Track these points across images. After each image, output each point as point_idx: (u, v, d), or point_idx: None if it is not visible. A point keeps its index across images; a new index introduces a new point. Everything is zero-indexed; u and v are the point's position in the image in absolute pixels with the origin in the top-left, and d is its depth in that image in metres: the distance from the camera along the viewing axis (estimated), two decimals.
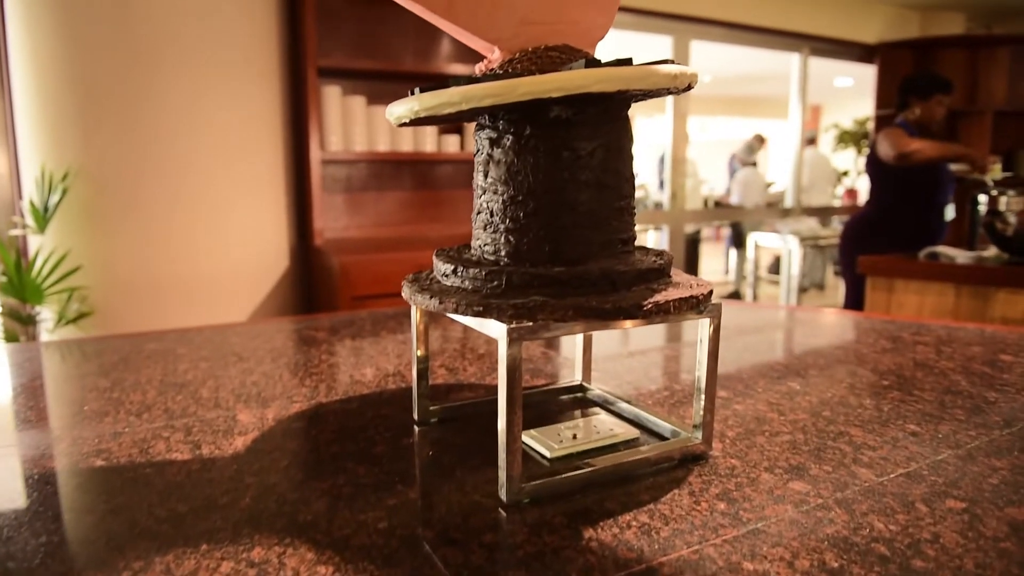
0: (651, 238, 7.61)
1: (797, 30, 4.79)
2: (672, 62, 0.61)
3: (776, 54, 5.05)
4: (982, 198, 2.51)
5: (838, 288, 6.59)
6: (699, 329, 0.64)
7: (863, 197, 8.12)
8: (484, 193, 0.64)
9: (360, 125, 2.99)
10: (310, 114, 2.85)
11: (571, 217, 0.61)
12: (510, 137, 0.61)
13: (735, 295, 6.61)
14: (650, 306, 0.56)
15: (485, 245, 0.64)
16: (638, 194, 7.59)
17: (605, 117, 0.61)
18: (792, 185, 5.33)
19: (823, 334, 1.22)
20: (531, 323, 0.55)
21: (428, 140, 3.14)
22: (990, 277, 2.31)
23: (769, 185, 7.85)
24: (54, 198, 2.57)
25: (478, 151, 0.65)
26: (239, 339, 1.21)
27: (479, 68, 0.66)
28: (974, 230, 2.59)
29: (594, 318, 0.55)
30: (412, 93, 0.64)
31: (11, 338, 2.63)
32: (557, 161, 0.60)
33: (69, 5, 2.53)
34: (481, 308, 0.56)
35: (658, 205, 5.01)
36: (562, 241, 0.61)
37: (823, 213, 5.72)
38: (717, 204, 6.65)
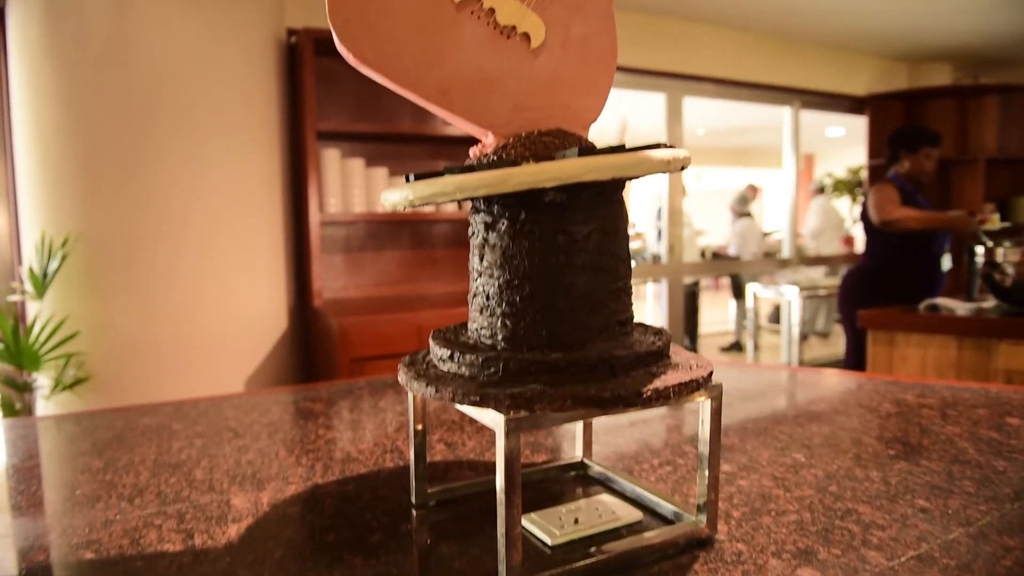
0: (650, 290, 7.63)
1: (788, 84, 4.88)
2: (666, 146, 0.62)
3: (768, 107, 5.14)
4: (979, 249, 2.52)
5: (841, 336, 6.58)
6: (700, 410, 0.63)
7: (859, 245, 8.17)
8: (480, 276, 0.64)
9: (359, 187, 3.02)
10: (309, 177, 2.88)
11: (567, 301, 0.60)
12: (505, 221, 0.61)
13: (736, 346, 6.59)
14: (650, 393, 0.55)
15: (482, 329, 0.64)
16: (635, 245, 7.63)
17: (600, 200, 0.61)
18: (789, 235, 5.36)
19: (826, 398, 1.20)
20: (529, 413, 0.54)
21: None
22: (991, 329, 2.30)
23: (768, 235, 7.90)
24: (53, 264, 2.58)
25: (473, 233, 0.65)
26: (235, 412, 1.19)
27: (473, 152, 0.67)
28: (972, 280, 2.59)
29: (593, 407, 0.54)
30: (408, 179, 0.64)
31: (7, 405, 2.61)
32: (552, 245, 0.60)
33: (72, 71, 2.58)
34: (478, 398, 0.55)
35: (656, 258, 5.03)
36: (559, 325, 0.60)
37: (823, 262, 5.74)
38: (715, 255, 6.69)
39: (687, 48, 4.36)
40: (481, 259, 0.64)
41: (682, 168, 0.61)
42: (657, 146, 0.62)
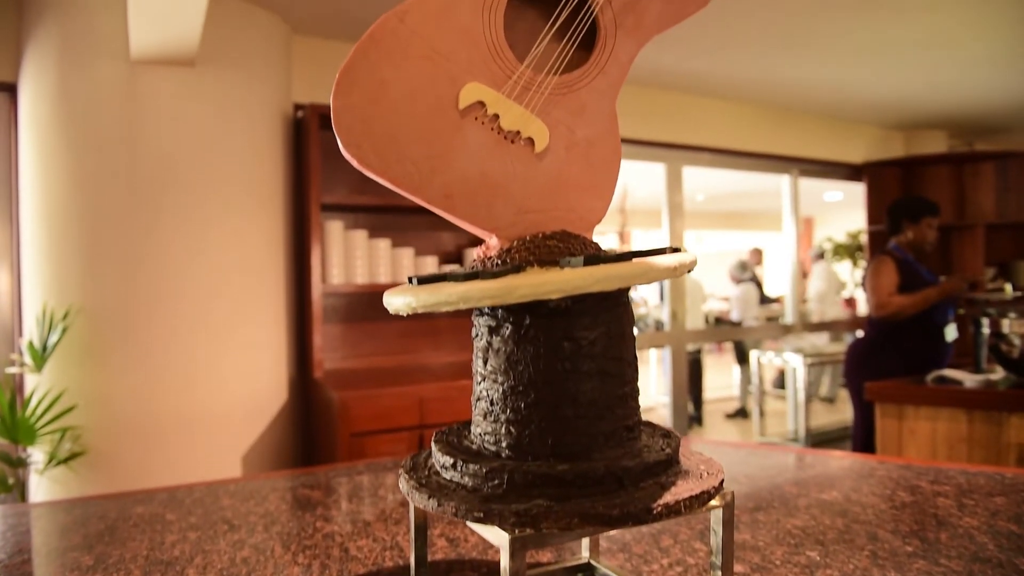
0: (653, 355, 7.59)
1: (786, 153, 4.95)
2: (675, 250, 0.61)
3: (767, 175, 5.21)
4: (984, 319, 2.51)
5: (848, 401, 6.50)
6: (712, 518, 0.61)
7: (862, 306, 8.16)
8: (484, 381, 0.62)
9: (361, 258, 3.03)
10: (312, 248, 2.90)
11: (573, 408, 0.59)
12: (509, 326, 0.60)
13: (741, 412, 6.51)
14: (660, 508, 0.53)
15: (486, 435, 0.62)
16: (639, 312, 7.61)
17: (605, 304, 0.60)
18: (792, 300, 5.35)
19: (838, 485, 1.17)
20: (534, 531, 0.52)
21: (429, 270, 3.17)
22: (1001, 402, 2.27)
23: (773, 300, 7.89)
24: (53, 337, 2.57)
25: (477, 335, 0.64)
26: (231, 501, 1.16)
27: (477, 254, 0.66)
28: (979, 351, 2.56)
29: (600, 524, 0.52)
30: (410, 281, 0.63)
31: (0, 481, 2.55)
32: (558, 351, 0.58)
33: (81, 146, 2.62)
34: (482, 514, 0.53)
35: (659, 324, 5.01)
36: (565, 433, 0.59)
37: (827, 328, 5.71)
38: (718, 320, 6.67)
39: (686, 120, 4.44)
40: (485, 363, 0.62)
41: (688, 271, 0.60)
42: (663, 251, 0.61)
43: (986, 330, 2.50)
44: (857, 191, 5.50)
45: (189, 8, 2.03)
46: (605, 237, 10.22)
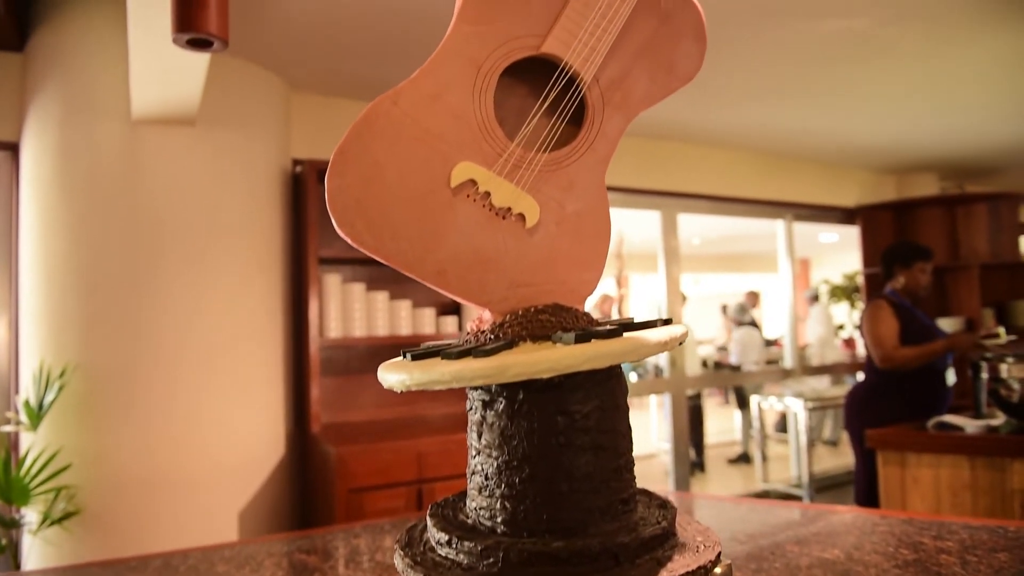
0: (653, 401, 7.54)
1: (780, 199, 5.01)
2: (666, 321, 0.62)
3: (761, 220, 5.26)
4: (982, 364, 2.51)
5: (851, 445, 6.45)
6: None
7: (860, 346, 8.14)
8: (478, 455, 0.63)
9: (359, 311, 3.04)
10: (310, 302, 2.91)
11: (568, 483, 0.59)
12: (503, 401, 0.60)
13: (744, 457, 6.45)
14: None
15: (481, 509, 0.62)
16: None
17: (598, 378, 0.61)
18: (791, 344, 5.35)
19: (840, 543, 1.16)
20: None
21: (426, 322, 3.18)
22: (1003, 448, 2.25)
23: (771, 343, 7.89)
24: (50, 395, 2.56)
25: (471, 409, 0.65)
26: (226, 567, 1.15)
27: (471, 327, 0.67)
28: (979, 396, 2.56)
29: None
30: (403, 355, 0.64)
31: None
32: (552, 426, 0.59)
33: (82, 204, 2.64)
34: None
35: (658, 370, 5.00)
36: (560, 508, 0.59)
37: (827, 371, 5.70)
38: (717, 364, 6.65)
39: (680, 168, 4.50)
40: (479, 437, 0.63)
41: (680, 343, 0.61)
42: (653, 324, 0.62)
43: (984, 375, 2.49)
44: (852, 232, 5.54)
45: (190, 70, 2.07)
46: (603, 281, 10.25)
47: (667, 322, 0.65)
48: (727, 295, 10.82)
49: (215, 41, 1.00)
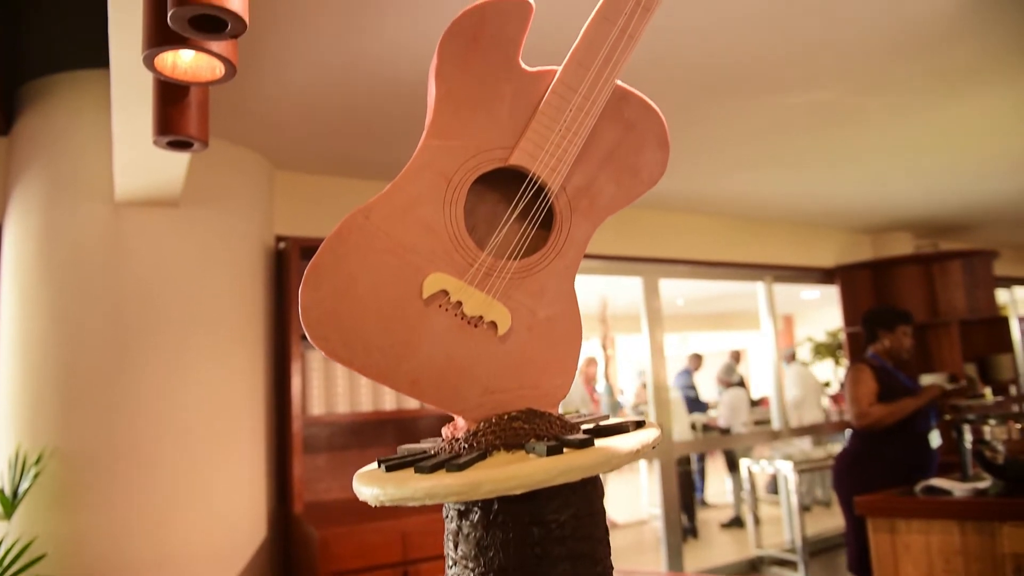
0: (643, 464, 7.46)
1: (759, 261, 5.08)
2: (639, 423, 0.63)
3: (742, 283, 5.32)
4: (966, 426, 2.52)
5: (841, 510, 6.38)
6: None
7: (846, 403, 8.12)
8: (455, 566, 0.62)
9: (343, 387, 3.02)
10: (292, 379, 2.89)
11: None
12: (478, 511, 0.60)
13: (736, 521, 6.36)
14: None
15: None
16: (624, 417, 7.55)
17: (574, 484, 0.61)
18: (776, 404, 5.35)
19: None
20: None
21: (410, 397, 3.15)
22: (992, 512, 2.24)
23: (756, 402, 7.87)
24: (25, 483, 2.50)
25: (447, 517, 0.64)
26: None
27: (446, 432, 0.67)
28: (964, 459, 2.56)
29: None
30: (379, 464, 0.64)
31: None
32: (527, 537, 0.59)
33: (63, 285, 2.63)
34: None
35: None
36: None
37: (814, 432, 5.68)
38: (706, 427, 6.62)
39: (660, 234, 4.57)
40: (455, 547, 0.62)
41: (653, 448, 0.62)
42: (625, 427, 0.62)
43: (968, 437, 2.50)
44: (833, 289, 5.62)
45: (173, 158, 2.10)
46: (589, 342, 10.27)
47: (639, 424, 0.66)
48: (712, 354, 10.83)
49: (195, 143, 1.03)
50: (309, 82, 2.54)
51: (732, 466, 6.32)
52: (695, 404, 7.34)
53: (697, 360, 7.93)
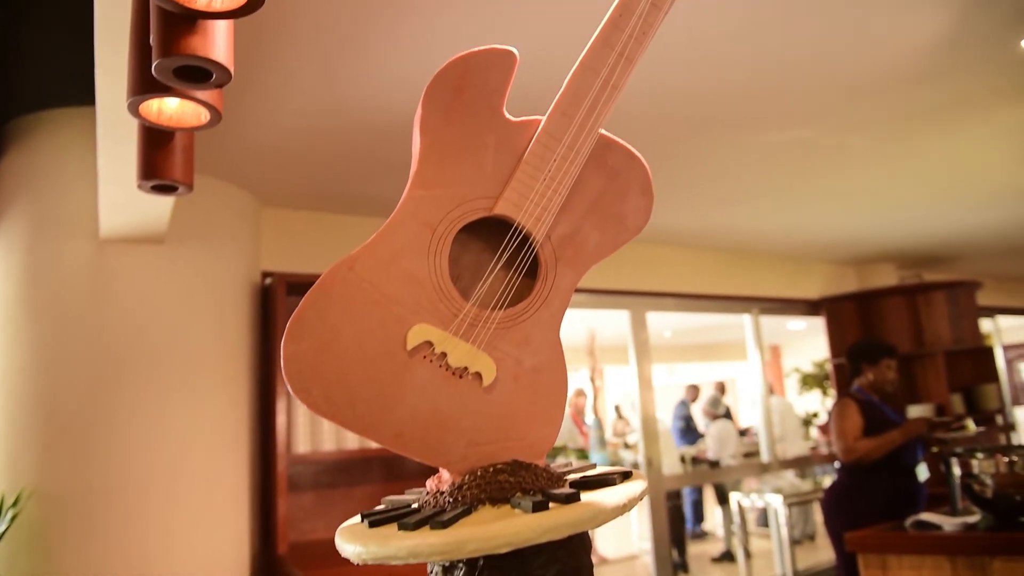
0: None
1: (745, 294, 5.11)
2: (625, 474, 0.62)
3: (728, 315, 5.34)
4: (953, 460, 2.51)
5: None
6: None
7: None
8: None
9: (328, 425, 2.99)
10: (278, 416, 2.85)
11: None
12: (463, 567, 0.59)
13: (727, 555, 6.30)
14: None
15: None
16: (618, 453, 7.50)
17: (559, 539, 0.60)
18: (764, 436, 5.34)
19: None
20: None
21: None
22: (982, 546, 2.24)
23: (744, 432, 7.85)
24: (2, 525, 2.44)
25: (431, 572, 0.63)
26: None
27: (430, 485, 0.66)
28: (953, 493, 2.55)
29: None
30: (362, 519, 0.63)
31: None
32: None
33: (46, 324, 2.60)
34: None
35: (635, 467, 4.93)
36: None
37: (801, 464, 5.67)
38: (695, 460, 6.59)
39: (647, 268, 4.59)
40: None
41: (640, 501, 0.61)
42: (612, 479, 0.62)
43: (957, 470, 2.50)
44: (818, 320, 5.65)
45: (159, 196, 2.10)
46: (578, 374, 10.25)
47: (626, 475, 0.65)
48: (702, 384, 10.82)
49: (180, 187, 1.03)
50: (295, 120, 2.55)
51: (722, 499, 6.28)
52: (693, 434, 7.32)
53: (694, 391, 7.92)
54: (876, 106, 2.77)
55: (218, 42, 0.69)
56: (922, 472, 3.04)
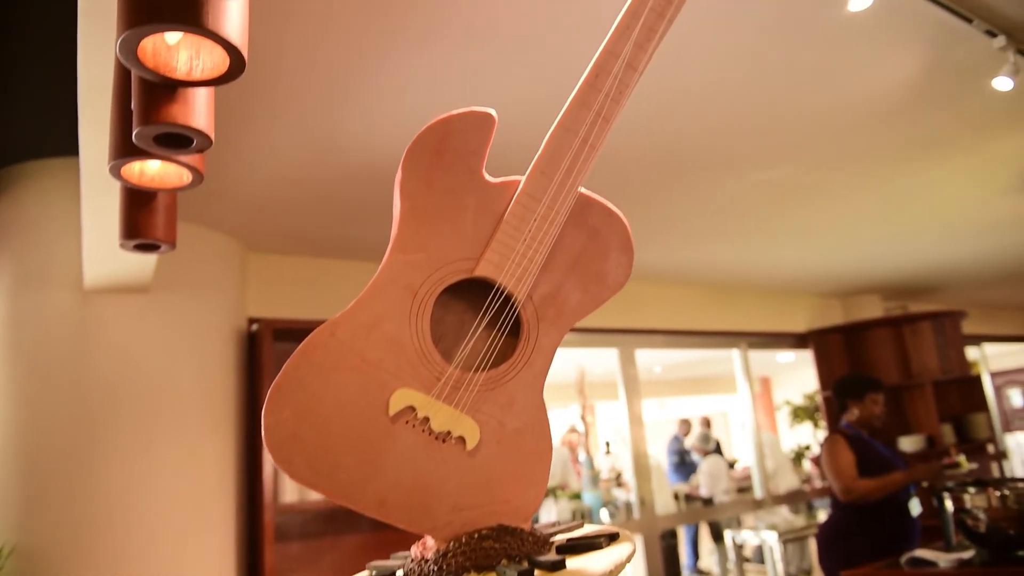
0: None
1: (733, 329, 5.13)
2: (612, 536, 0.61)
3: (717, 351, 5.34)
4: (946, 495, 2.50)
5: None
6: None
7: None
8: None
9: None
10: (264, 465, 2.81)
11: None
12: None
13: None
14: None
15: None
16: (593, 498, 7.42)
17: None
18: (757, 472, 5.31)
19: None
20: None
21: None
22: None
23: (733, 463, 7.79)
24: None
25: None
26: None
27: (415, 552, 0.65)
28: (947, 528, 2.54)
29: None
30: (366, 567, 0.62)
31: None
32: None
33: (28, 375, 2.57)
34: None
35: (628, 507, 4.88)
36: None
37: (794, 499, 5.63)
38: (688, 497, 6.53)
39: (635, 306, 4.60)
40: None
41: (628, 562, 0.60)
42: (598, 541, 0.61)
43: (949, 506, 2.49)
44: (807, 353, 5.66)
45: None
46: (567, 410, 10.19)
47: (612, 537, 0.64)
48: (692, 418, 10.78)
49: (162, 245, 1.02)
50: (280, 168, 2.56)
51: (717, 536, 6.21)
52: (688, 468, 7.26)
53: (686, 425, 7.87)
54: (852, 144, 2.81)
55: (198, 109, 0.69)
56: (915, 507, 3.02)
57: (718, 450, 6.94)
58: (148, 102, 0.68)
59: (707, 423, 7.59)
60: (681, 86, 2.22)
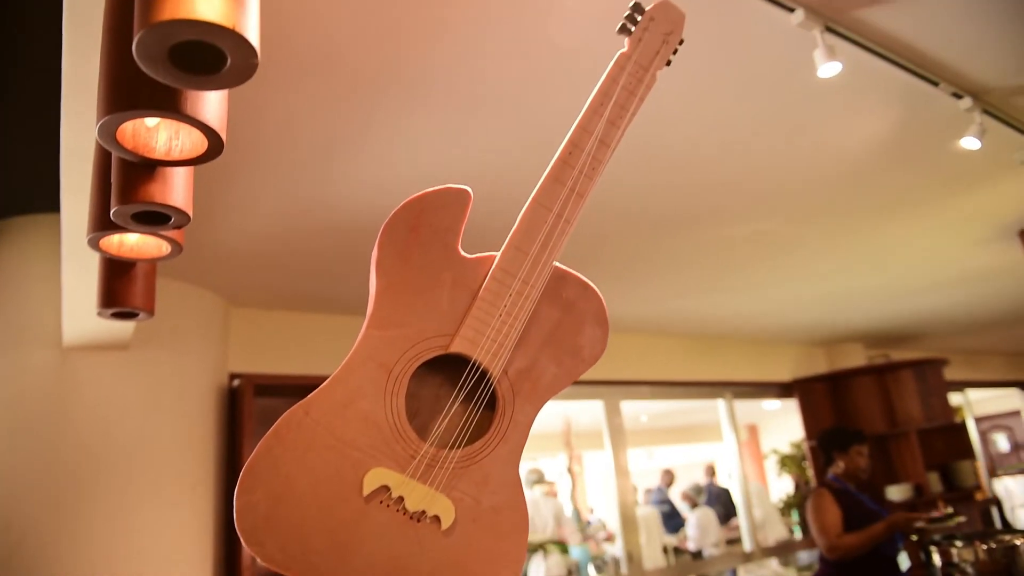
0: None
1: (718, 379, 5.13)
2: None
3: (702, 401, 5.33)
4: (933, 549, 2.49)
5: None
6: None
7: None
8: None
9: None
10: None
11: None
12: None
13: None
14: None
15: None
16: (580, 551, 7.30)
17: None
18: (746, 523, 5.25)
19: None
20: None
21: None
22: None
23: (733, 513, 7.71)
24: None
25: None
26: None
27: None
28: None
29: None
30: None
31: None
32: None
33: (4, 436, 2.52)
34: None
35: (616, 564, 4.80)
36: None
37: (783, 551, 5.57)
38: (676, 550, 6.44)
39: (619, 357, 4.60)
40: None
41: None
42: None
43: (937, 559, 2.47)
44: (793, 401, 5.66)
45: None
46: (555, 459, 10.10)
47: None
48: (681, 466, 10.69)
49: (140, 313, 1.02)
50: (263, 223, 2.57)
51: None
52: (676, 520, 7.17)
53: (669, 476, 7.82)
54: (829, 199, 2.87)
55: (176, 187, 0.70)
56: (902, 562, 3.00)
57: (728, 499, 6.85)
58: (127, 181, 0.69)
59: (711, 471, 7.52)
60: (663, 143, 2.27)
